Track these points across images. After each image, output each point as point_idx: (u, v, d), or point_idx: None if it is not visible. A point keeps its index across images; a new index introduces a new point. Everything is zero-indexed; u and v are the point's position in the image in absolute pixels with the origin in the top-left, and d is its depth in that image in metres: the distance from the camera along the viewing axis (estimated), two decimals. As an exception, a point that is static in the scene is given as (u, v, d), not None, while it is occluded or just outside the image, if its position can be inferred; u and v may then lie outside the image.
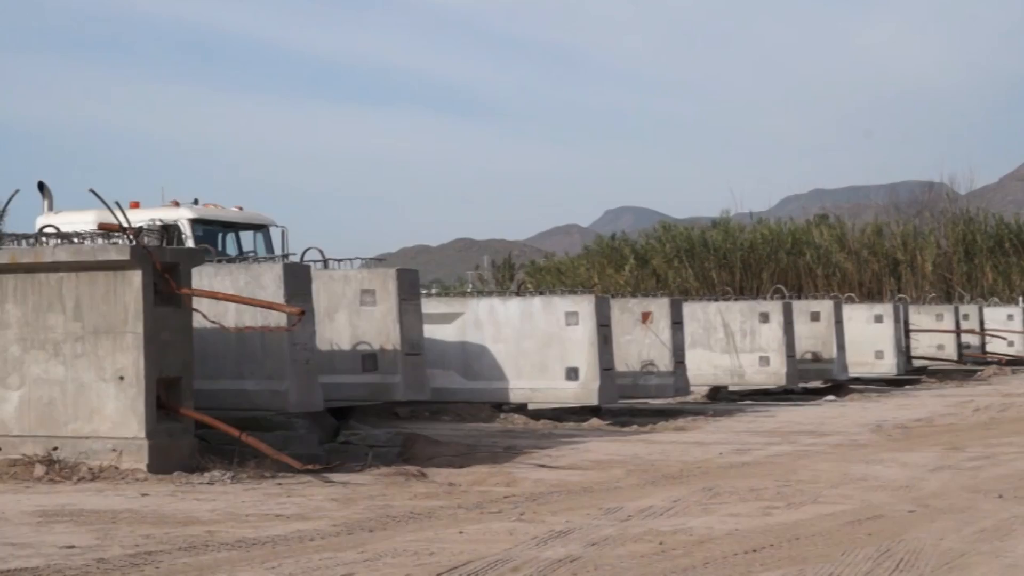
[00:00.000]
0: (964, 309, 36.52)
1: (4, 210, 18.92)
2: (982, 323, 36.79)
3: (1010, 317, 38.06)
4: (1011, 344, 36.92)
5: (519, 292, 27.54)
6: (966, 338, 35.30)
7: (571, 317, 19.14)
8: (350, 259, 17.00)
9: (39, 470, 11.57)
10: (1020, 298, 42.03)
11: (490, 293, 27.72)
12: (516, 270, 62.10)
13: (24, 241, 12.98)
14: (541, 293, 21.54)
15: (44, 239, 13.07)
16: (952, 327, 34.72)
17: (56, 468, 11.58)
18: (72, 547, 8.17)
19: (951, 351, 34.17)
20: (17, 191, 16.15)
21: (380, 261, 17.65)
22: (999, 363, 35.36)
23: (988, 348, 36.40)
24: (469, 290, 37.26)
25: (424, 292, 18.90)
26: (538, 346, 19.21)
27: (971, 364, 34.66)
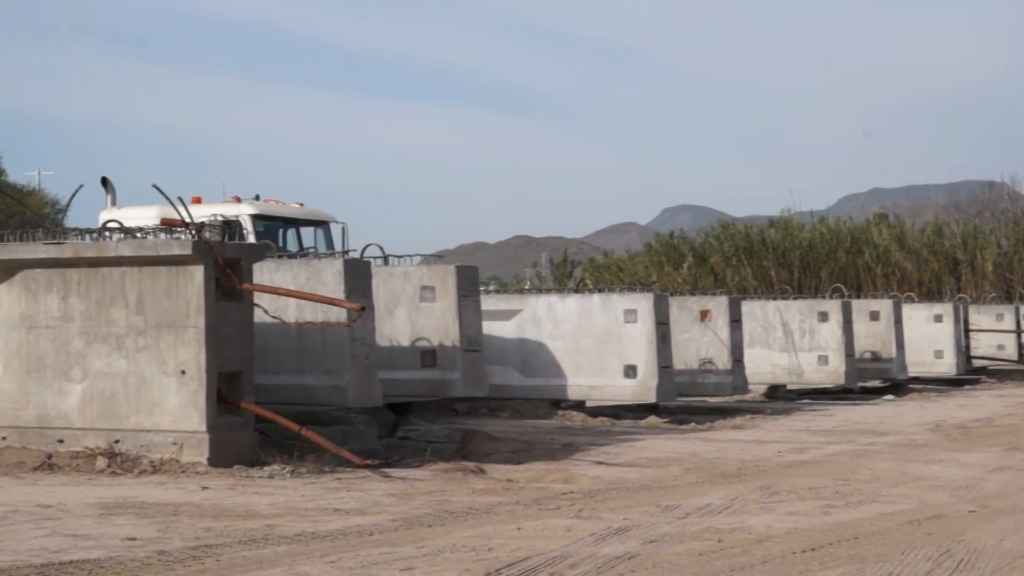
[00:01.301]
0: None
1: (68, 205, 19.12)
2: (1044, 320, 36.49)
3: (1072, 315, 37.72)
4: (1070, 343, 36.64)
5: (577, 289, 27.52)
6: (1027, 337, 35.07)
7: (630, 315, 19.13)
8: (410, 255, 17.04)
9: (101, 463, 11.64)
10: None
11: (548, 290, 27.75)
12: (574, 267, 62.04)
13: (87, 236, 13.05)
14: (600, 291, 21.54)
15: (107, 234, 13.14)
16: (1013, 327, 34.49)
17: (118, 461, 11.65)
18: (134, 539, 8.21)
19: (1011, 351, 33.94)
20: (81, 186, 16.23)
21: (439, 258, 17.70)
22: (1059, 362, 35.12)
23: (1049, 347, 36.13)
24: (527, 287, 37.31)
25: (483, 289, 18.91)
26: (596, 343, 19.21)
27: (1033, 362, 34.39)
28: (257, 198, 24.63)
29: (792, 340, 25.13)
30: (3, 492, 10.33)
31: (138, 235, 12.77)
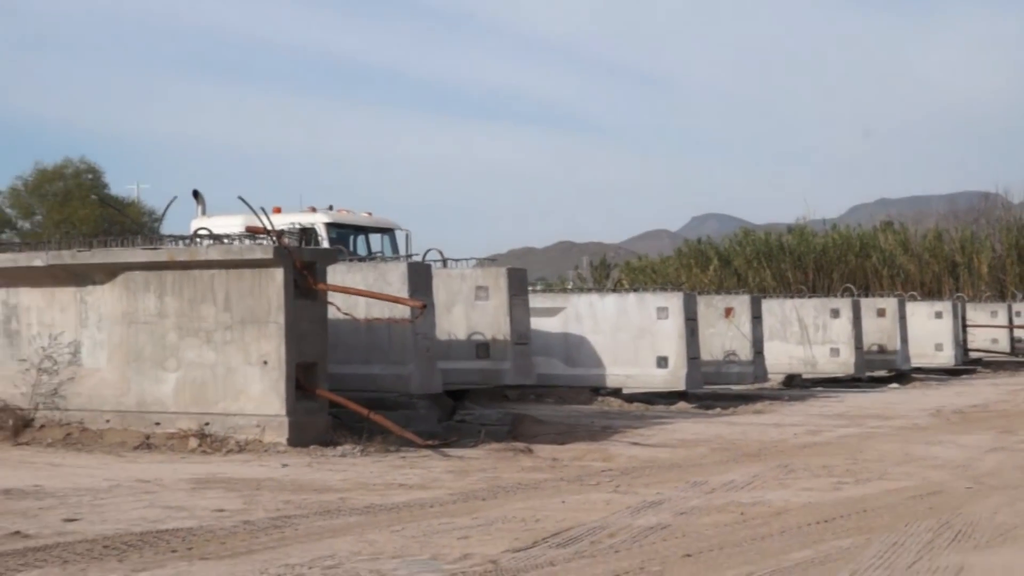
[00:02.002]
0: (1017, 307, 36.13)
1: (163, 214, 19.26)
2: (1032, 317, 36.38)
3: (1058, 315, 37.59)
4: (1058, 338, 36.53)
5: (615, 289, 27.50)
6: (1018, 333, 34.94)
7: (662, 312, 19.15)
8: (466, 259, 17.06)
9: (192, 443, 11.70)
10: (1069, 296, 41.42)
11: (589, 290, 27.72)
12: (611, 269, 61.85)
13: (181, 242, 13.13)
14: (635, 290, 21.49)
15: (198, 240, 13.20)
16: (1005, 323, 34.42)
17: (207, 441, 11.71)
18: (222, 510, 8.26)
19: (1004, 344, 33.89)
20: (175, 198, 16.41)
21: (492, 261, 17.68)
22: (1048, 354, 35.05)
23: (1038, 341, 36.01)
24: (570, 287, 37.22)
25: (530, 289, 18.90)
26: (632, 337, 19.22)
27: (1023, 356, 34.28)
28: (331, 208, 24.70)
29: (807, 334, 25.10)
30: (107, 469, 10.41)
31: (225, 241, 12.84)
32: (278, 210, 22.06)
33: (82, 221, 51.77)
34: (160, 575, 6.21)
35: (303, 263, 12.20)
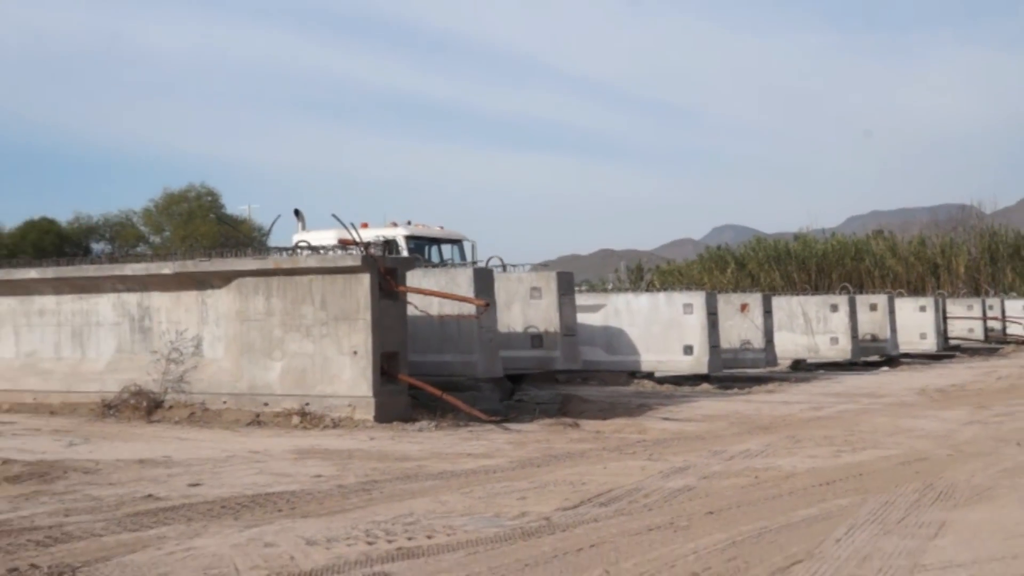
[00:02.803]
0: (989, 301, 36.16)
1: (270, 230, 19.34)
2: (1003, 312, 36.40)
3: (1024, 307, 37.54)
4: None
5: (648, 289, 27.47)
6: (991, 324, 34.88)
7: (687, 308, 19.14)
8: (522, 264, 17.13)
9: (295, 420, 11.75)
10: (1033, 292, 41.28)
11: (626, 290, 27.69)
12: (645, 272, 61.73)
13: (284, 253, 13.19)
14: (664, 290, 21.48)
15: (299, 251, 13.26)
16: (980, 315, 34.42)
17: (307, 418, 11.76)
18: (319, 476, 8.29)
19: (979, 333, 33.86)
20: (279, 216, 16.50)
21: (544, 266, 17.74)
22: (1017, 343, 34.96)
23: (1008, 331, 35.90)
24: (610, 288, 37.17)
25: (576, 289, 18.89)
26: (662, 329, 19.21)
27: (994, 343, 34.13)
28: (409, 223, 24.79)
29: (810, 326, 25.04)
30: (224, 442, 10.47)
31: (321, 251, 12.89)
32: (365, 225, 22.18)
33: (203, 236, 52.13)
34: (268, 530, 6.24)
35: (386, 269, 12.24)
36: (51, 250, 50.25)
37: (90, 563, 5.51)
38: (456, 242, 25.76)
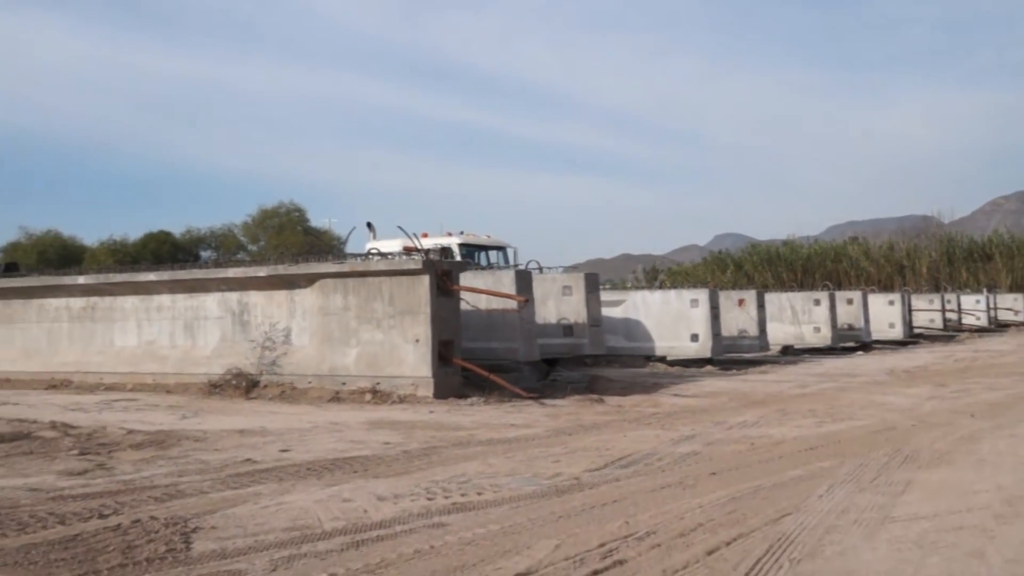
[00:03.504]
0: (947, 296, 35.93)
1: (346, 239, 19.50)
2: (959, 305, 36.19)
3: (977, 301, 37.45)
4: (977, 319, 36.40)
5: (661, 287, 27.39)
6: (948, 315, 34.67)
7: (694, 302, 19.08)
8: (555, 267, 17.09)
9: (367, 396, 11.80)
10: (984, 289, 40.93)
11: (642, 288, 27.59)
12: (658, 273, 61.55)
13: (359, 258, 13.25)
14: (675, 288, 21.34)
15: (371, 256, 13.32)
16: (939, 308, 34.23)
17: (378, 395, 11.80)
18: (388, 443, 8.32)
19: (939, 323, 33.66)
20: (354, 228, 16.78)
21: (574, 268, 17.68)
22: (970, 331, 34.74)
23: (963, 322, 35.67)
24: (629, 286, 37.09)
25: (601, 287, 18.85)
26: (673, 320, 19.15)
27: (952, 332, 33.86)
28: (462, 232, 24.89)
29: (797, 317, 24.90)
30: (309, 415, 10.52)
31: (389, 257, 12.95)
32: (425, 235, 22.25)
33: (291, 245, 52.39)
34: (346, 488, 6.27)
35: (442, 272, 12.27)
36: (167, 257, 50.71)
37: (199, 515, 5.56)
38: (501, 248, 25.85)
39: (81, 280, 15.40)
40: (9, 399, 12.70)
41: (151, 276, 14.67)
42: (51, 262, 49.88)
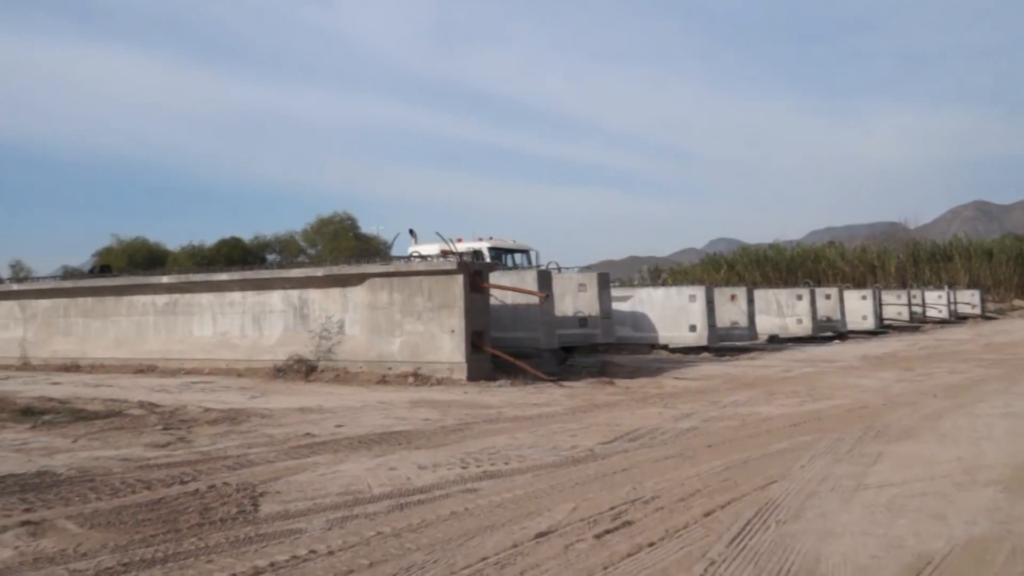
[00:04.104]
0: (913, 292, 35.67)
1: (391, 244, 19.54)
2: (923, 300, 35.92)
3: (939, 297, 37.15)
4: (939, 312, 36.04)
5: (663, 284, 27.36)
6: (914, 308, 34.40)
7: (692, 298, 19.01)
8: (572, 267, 17.09)
9: (410, 379, 11.82)
10: (945, 286, 40.62)
11: (647, 285, 27.56)
12: (661, 273, 61.40)
13: (402, 260, 13.28)
14: (675, 285, 21.28)
15: (412, 259, 13.35)
16: (906, 302, 33.99)
17: (419, 378, 11.82)
18: (428, 419, 8.33)
19: (905, 316, 33.36)
20: (398, 234, 16.92)
21: (588, 268, 17.68)
22: (933, 323, 34.49)
23: (927, 314, 35.40)
24: (636, 283, 37.05)
25: (612, 284, 18.83)
26: (674, 313, 19.09)
27: (917, 323, 33.60)
28: (491, 238, 24.91)
29: (782, 310, 24.77)
30: (360, 395, 10.56)
31: (428, 259, 12.97)
32: (460, 240, 22.32)
33: (344, 249, 52.47)
34: (392, 458, 6.28)
35: (474, 272, 12.28)
36: (237, 260, 50.92)
37: (266, 481, 5.58)
38: (525, 251, 25.86)
39: (165, 280, 15.52)
40: (104, 382, 12.82)
41: (224, 276, 14.76)
42: (139, 264, 50.19)
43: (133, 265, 49.41)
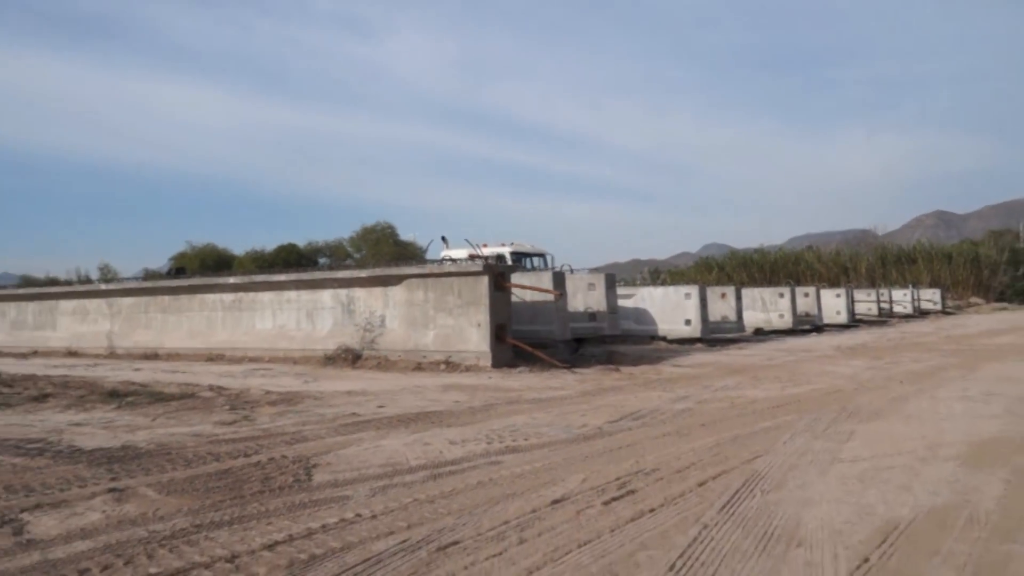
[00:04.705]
0: (881, 291, 35.38)
1: (426, 249, 19.56)
2: (890, 297, 35.61)
3: (904, 294, 36.80)
4: (905, 308, 35.71)
5: (663, 284, 27.25)
6: (882, 305, 34.14)
7: (687, 295, 18.89)
8: (582, 269, 17.07)
9: (442, 366, 11.82)
10: (909, 285, 40.27)
11: (648, 284, 27.47)
12: (661, 274, 61.20)
13: (435, 263, 13.29)
14: (673, 284, 21.20)
15: (444, 262, 13.36)
16: (875, 300, 33.73)
17: (449, 366, 11.82)
18: (457, 401, 8.33)
19: (875, 311, 33.10)
20: (432, 240, 16.83)
21: (596, 270, 17.63)
22: (899, 317, 34.18)
23: (893, 310, 35.10)
24: (638, 283, 36.96)
25: (618, 283, 18.77)
26: (671, 308, 18.99)
27: (885, 318, 33.32)
28: (512, 243, 24.82)
29: (766, 306, 24.61)
30: (398, 380, 10.57)
31: (458, 262, 12.97)
32: (485, 245, 22.29)
33: (385, 253, 52.63)
34: (426, 435, 6.29)
35: (498, 273, 12.27)
36: (293, 263, 51.17)
37: (318, 454, 5.60)
38: (541, 255, 25.77)
39: (231, 280, 15.60)
40: (178, 369, 12.90)
41: (282, 277, 14.82)
42: (209, 267, 50.53)
43: (204, 267, 49.75)
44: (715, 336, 20.14)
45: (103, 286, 18.41)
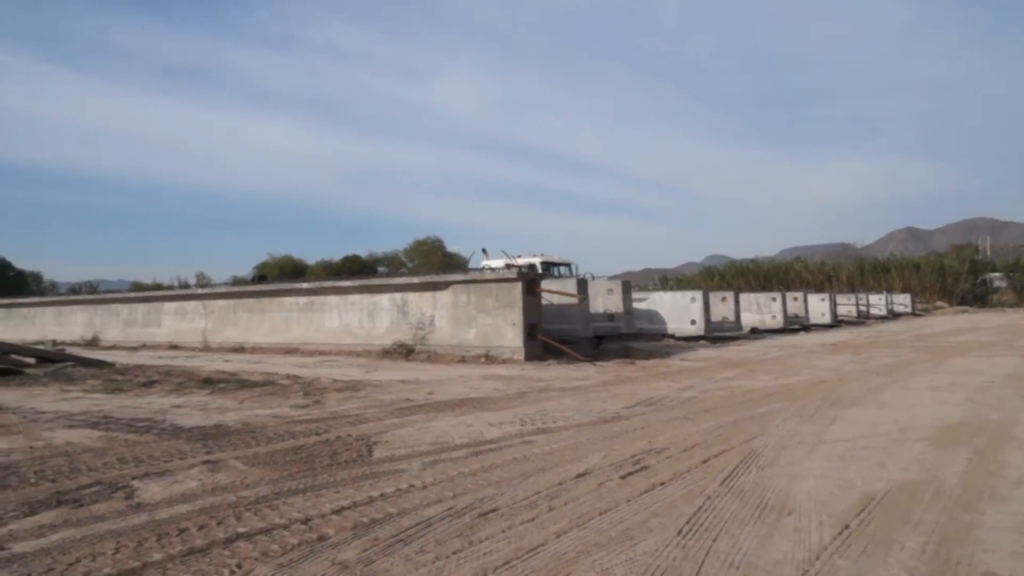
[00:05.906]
0: (860, 296, 34.85)
1: (469, 259, 19.63)
2: (868, 301, 35.06)
3: (880, 299, 36.23)
4: (880, 310, 35.16)
5: (672, 289, 27.08)
6: (861, 308, 33.61)
7: (693, 299, 18.74)
8: (602, 276, 17.01)
9: (482, 360, 11.83)
10: (884, 291, 39.61)
11: (659, 289, 27.30)
12: (669, 280, 60.74)
13: (477, 271, 13.30)
14: (680, 290, 21.05)
15: (484, 270, 13.36)
16: (855, 303, 33.22)
17: (489, 359, 11.82)
18: (496, 389, 8.33)
19: (854, 313, 32.59)
20: (474, 252, 16.79)
21: (614, 277, 17.56)
22: (875, 319, 33.64)
23: (870, 312, 34.54)
24: (650, 288, 36.77)
25: (634, 288, 18.65)
26: (679, 310, 18.84)
27: (863, 319, 32.78)
28: (542, 254, 24.72)
29: (761, 309, 24.33)
30: (445, 371, 10.60)
31: (496, 271, 12.98)
32: (519, 256, 22.24)
33: (434, 263, 52.82)
34: (469, 418, 6.30)
35: (530, 280, 12.26)
36: (357, 271, 51.57)
37: (377, 433, 5.64)
38: (567, 264, 25.65)
39: (304, 285, 15.76)
40: (261, 360, 13.05)
41: (347, 283, 14.94)
42: (286, 274, 51.09)
43: (282, 274, 50.31)
44: (717, 334, 19.95)
45: (199, 290, 18.70)
